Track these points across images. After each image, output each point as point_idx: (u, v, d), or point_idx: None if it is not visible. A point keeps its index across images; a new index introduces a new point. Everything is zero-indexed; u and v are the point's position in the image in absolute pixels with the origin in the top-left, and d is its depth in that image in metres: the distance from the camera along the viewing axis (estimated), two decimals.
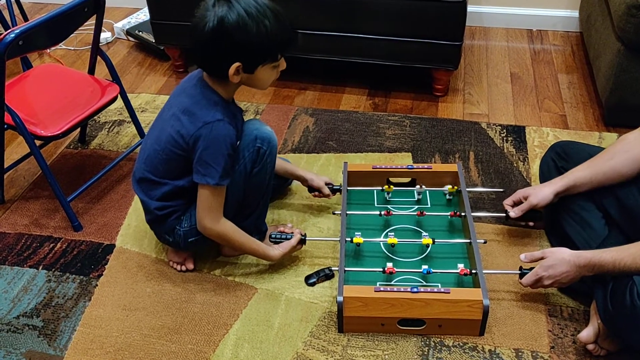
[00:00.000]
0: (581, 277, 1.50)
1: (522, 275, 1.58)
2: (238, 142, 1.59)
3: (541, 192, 1.67)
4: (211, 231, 1.61)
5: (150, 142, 1.62)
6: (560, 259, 1.48)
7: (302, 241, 1.73)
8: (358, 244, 1.71)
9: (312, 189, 1.90)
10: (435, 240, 1.71)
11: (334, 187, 1.89)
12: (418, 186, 1.90)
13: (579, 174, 1.64)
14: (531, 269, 1.55)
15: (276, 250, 1.69)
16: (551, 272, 1.49)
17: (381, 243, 1.78)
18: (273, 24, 1.43)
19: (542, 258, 1.53)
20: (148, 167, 1.62)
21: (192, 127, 1.52)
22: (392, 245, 1.71)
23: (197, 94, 1.54)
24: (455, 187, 1.86)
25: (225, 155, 1.52)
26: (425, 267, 1.61)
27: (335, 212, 1.90)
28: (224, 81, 1.51)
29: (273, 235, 1.73)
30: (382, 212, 1.81)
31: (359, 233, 1.72)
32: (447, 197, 1.91)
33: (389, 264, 1.62)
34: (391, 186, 1.89)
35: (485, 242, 1.75)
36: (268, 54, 1.48)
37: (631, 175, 1.58)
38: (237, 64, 1.45)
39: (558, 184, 1.66)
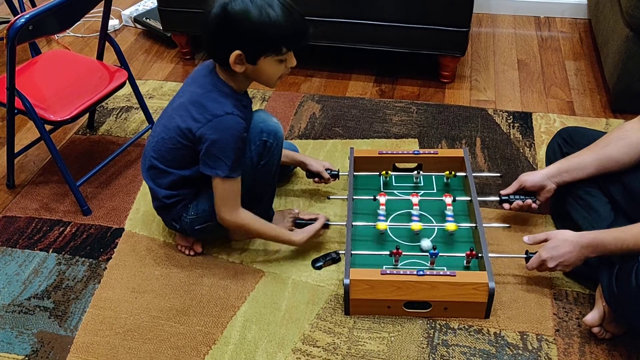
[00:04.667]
0: (586, 261, 1.51)
1: (527, 260, 1.59)
2: (246, 134, 1.59)
3: (532, 174, 1.72)
4: (229, 222, 1.62)
5: (159, 130, 1.63)
6: (563, 240, 1.50)
7: (326, 226, 1.74)
8: (382, 232, 1.73)
9: (310, 173, 1.90)
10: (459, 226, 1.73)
11: (333, 172, 1.90)
12: (415, 172, 1.90)
13: (574, 160, 1.67)
14: (536, 252, 1.56)
15: (300, 235, 1.69)
16: (554, 253, 1.50)
17: (387, 228, 1.79)
18: (278, 14, 1.41)
19: (545, 240, 1.54)
20: (156, 154, 1.63)
21: (201, 119, 1.51)
22: (417, 232, 1.72)
23: (207, 84, 1.54)
24: (454, 173, 1.87)
25: (235, 149, 1.52)
26: (432, 250, 1.62)
27: (330, 197, 1.91)
28: (232, 72, 1.50)
29: (298, 222, 1.74)
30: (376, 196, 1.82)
31: (383, 219, 1.74)
32: (446, 180, 1.92)
33: (397, 246, 1.63)
34: (389, 172, 1.89)
35: (509, 227, 1.77)
36: (270, 45, 1.45)
37: (627, 162, 1.59)
38: (237, 52, 1.44)
39: (550, 167, 1.70)
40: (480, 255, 1.61)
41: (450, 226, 1.70)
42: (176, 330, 1.58)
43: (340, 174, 1.91)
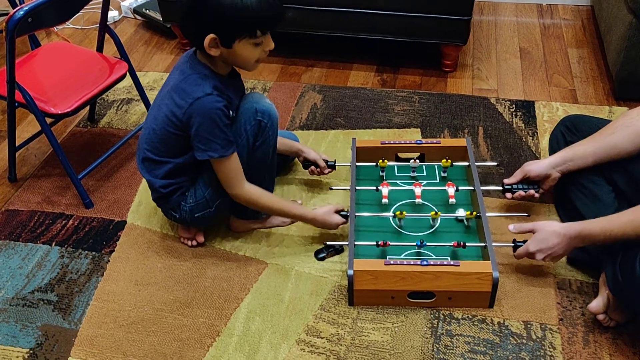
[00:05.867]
0: (589, 249, 1.50)
1: (515, 248, 1.59)
2: (233, 113, 1.59)
3: (537, 163, 1.71)
4: (239, 198, 1.63)
5: (150, 121, 1.63)
6: (550, 232, 1.50)
7: (344, 217, 1.71)
8: (400, 220, 1.72)
9: (307, 163, 1.89)
10: (442, 215, 1.72)
11: (330, 163, 1.89)
12: (412, 160, 1.89)
13: (578, 148, 1.65)
14: (525, 241, 1.56)
15: (315, 210, 1.69)
16: (542, 246, 1.51)
17: (390, 218, 1.78)
18: None
19: (531, 230, 1.54)
20: (149, 146, 1.63)
21: (183, 103, 1.52)
22: (400, 220, 1.71)
23: (187, 69, 1.55)
24: (450, 161, 1.85)
25: (221, 127, 1.52)
26: (421, 240, 1.62)
27: (333, 187, 1.91)
28: (210, 56, 1.50)
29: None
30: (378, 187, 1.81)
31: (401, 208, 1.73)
32: (443, 174, 1.90)
33: (385, 238, 1.63)
34: (385, 161, 1.88)
35: (529, 216, 1.77)
36: (244, 28, 1.44)
37: (632, 150, 1.58)
38: (211, 36, 1.44)
39: (555, 156, 1.68)
40: (480, 245, 1.61)
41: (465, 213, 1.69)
42: (180, 323, 1.58)
43: (338, 164, 1.90)
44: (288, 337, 1.53)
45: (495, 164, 1.95)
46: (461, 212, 1.70)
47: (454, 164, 1.86)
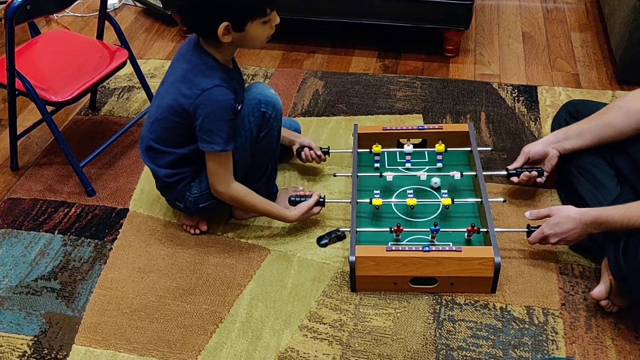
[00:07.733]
0: (591, 235, 1.50)
1: (529, 234, 1.59)
2: (239, 106, 1.59)
3: (534, 144, 1.72)
4: (224, 195, 1.62)
5: (153, 110, 1.63)
6: (566, 217, 1.49)
7: (321, 203, 1.73)
8: (377, 207, 1.71)
9: (300, 149, 1.87)
10: (454, 201, 1.70)
11: (323, 150, 1.88)
12: (406, 145, 1.86)
13: (572, 127, 1.67)
14: (539, 226, 1.56)
15: (293, 211, 1.69)
16: (557, 230, 1.50)
17: (392, 204, 1.78)
18: None
19: (547, 215, 1.53)
20: (152, 135, 1.63)
21: (191, 94, 1.51)
22: (412, 207, 1.69)
23: (193, 59, 1.53)
24: (444, 145, 1.83)
25: (227, 121, 1.52)
26: (433, 226, 1.61)
27: (336, 174, 1.90)
28: (218, 43, 1.49)
29: (292, 198, 1.73)
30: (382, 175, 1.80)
31: (378, 194, 1.72)
32: (439, 163, 1.88)
33: (398, 223, 1.63)
34: (379, 146, 1.86)
35: (504, 201, 1.76)
36: (255, 9, 1.44)
37: (627, 130, 1.58)
38: (225, 24, 1.43)
39: (550, 135, 1.71)
40: (482, 230, 1.61)
41: (446, 200, 1.69)
42: (183, 310, 1.58)
43: (340, 151, 1.90)
44: (291, 324, 1.54)
45: (490, 148, 1.94)
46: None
47: (449, 149, 1.84)
